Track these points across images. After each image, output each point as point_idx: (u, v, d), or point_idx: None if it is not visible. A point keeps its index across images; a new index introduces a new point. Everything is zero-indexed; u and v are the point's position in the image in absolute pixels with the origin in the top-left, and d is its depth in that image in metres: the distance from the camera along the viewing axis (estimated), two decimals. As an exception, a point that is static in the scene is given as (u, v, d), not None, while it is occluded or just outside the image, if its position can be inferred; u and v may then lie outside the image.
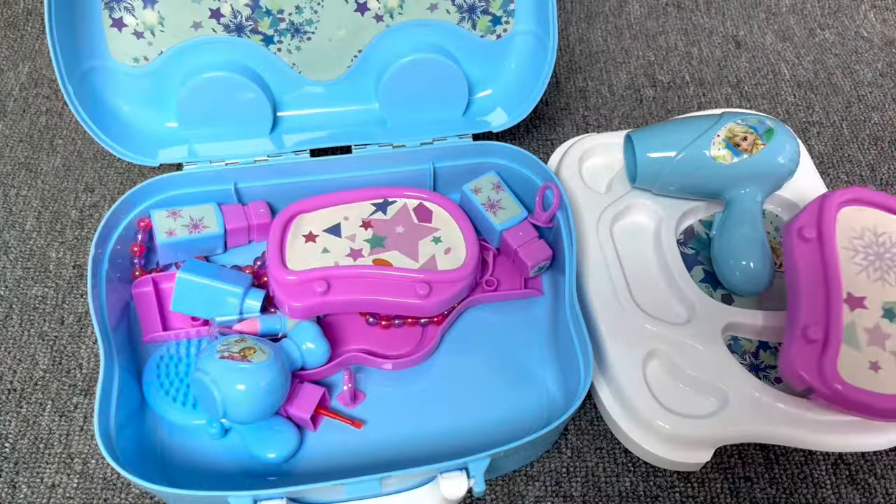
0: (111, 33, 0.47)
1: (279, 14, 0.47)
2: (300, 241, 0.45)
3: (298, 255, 0.44)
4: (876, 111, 0.62)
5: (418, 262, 0.45)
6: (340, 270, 0.44)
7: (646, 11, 0.69)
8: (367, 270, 0.44)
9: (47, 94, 0.60)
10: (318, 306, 0.43)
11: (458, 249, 0.46)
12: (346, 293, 0.43)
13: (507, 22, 0.50)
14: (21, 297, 0.49)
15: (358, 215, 0.47)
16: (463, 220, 0.47)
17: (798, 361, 0.38)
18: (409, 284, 0.43)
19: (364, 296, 0.43)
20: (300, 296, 0.43)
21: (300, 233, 0.46)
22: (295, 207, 0.46)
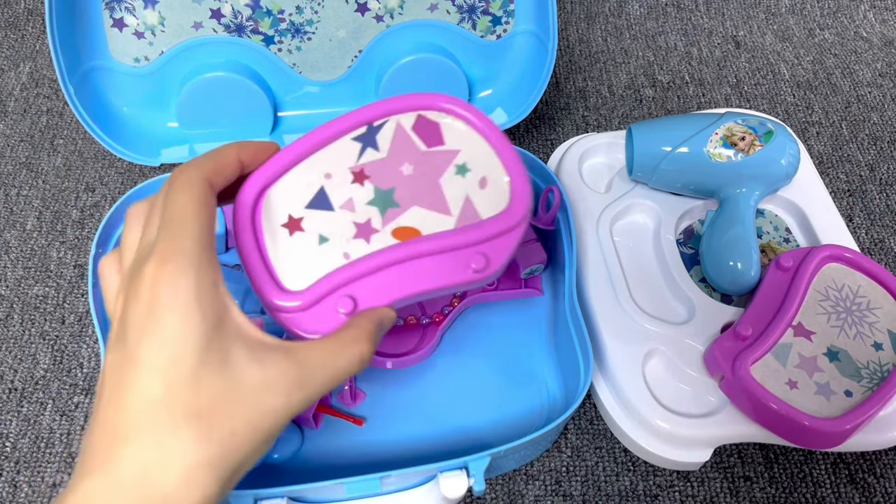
0: (112, 33, 0.47)
1: (279, 14, 0.47)
2: (282, 235, 0.29)
3: (290, 261, 0.29)
4: (875, 111, 0.62)
5: (451, 213, 0.30)
6: (359, 267, 0.28)
7: (645, 12, 0.69)
8: (394, 254, 0.29)
9: (48, 94, 0.60)
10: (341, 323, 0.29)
11: (495, 173, 0.30)
12: (381, 299, 0.29)
13: (507, 22, 0.50)
14: (22, 297, 0.49)
15: (342, 165, 0.30)
16: (486, 125, 0.31)
17: (719, 349, 0.41)
18: (456, 256, 0.29)
19: (404, 295, 0.29)
20: (318, 324, 0.28)
21: (277, 221, 0.29)
22: (253, 183, 0.29)
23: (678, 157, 0.47)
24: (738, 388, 0.40)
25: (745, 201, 0.47)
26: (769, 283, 0.44)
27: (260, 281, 0.28)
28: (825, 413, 0.38)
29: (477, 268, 0.29)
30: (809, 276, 0.43)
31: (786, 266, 0.44)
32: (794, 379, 0.39)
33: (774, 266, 0.44)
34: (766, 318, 0.42)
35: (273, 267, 0.29)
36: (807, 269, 0.43)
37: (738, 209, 0.47)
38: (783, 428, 0.39)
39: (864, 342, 0.41)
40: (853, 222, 0.55)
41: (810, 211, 0.50)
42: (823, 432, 0.38)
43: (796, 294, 0.42)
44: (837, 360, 0.40)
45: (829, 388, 0.39)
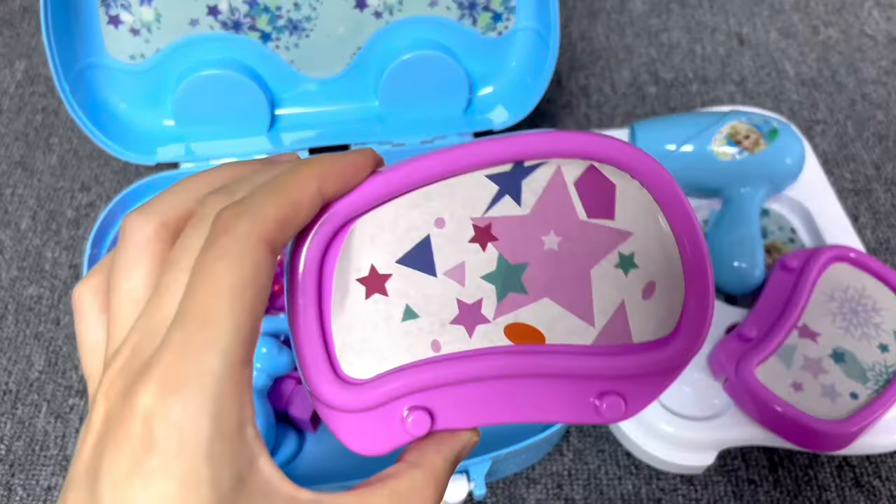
0: (107, 30, 0.46)
1: (277, 11, 0.47)
2: (355, 295, 0.20)
3: (357, 335, 0.20)
4: (881, 109, 0.61)
5: (595, 323, 0.21)
6: (450, 369, 0.20)
7: (648, 8, 0.68)
8: (502, 363, 0.20)
9: (43, 92, 0.59)
10: (405, 442, 0.21)
11: (670, 282, 0.21)
12: (466, 419, 0.21)
13: (508, 19, 0.50)
14: (16, 298, 0.49)
15: (462, 211, 0.20)
16: (680, 208, 0.20)
17: (723, 351, 0.40)
18: (583, 385, 0.21)
19: (499, 421, 0.21)
20: (372, 435, 0.21)
21: (352, 272, 0.20)
22: (332, 213, 0.19)
23: (682, 156, 0.47)
24: (742, 391, 0.39)
25: (750, 200, 0.46)
26: (774, 284, 0.43)
27: (310, 358, 0.19)
28: (831, 415, 0.38)
29: (605, 411, 0.21)
30: (814, 277, 0.42)
31: (791, 266, 0.43)
32: (799, 381, 0.39)
33: (779, 266, 0.44)
34: (771, 320, 0.41)
35: (332, 342, 0.20)
36: (812, 269, 0.42)
37: (742, 208, 0.46)
38: (788, 430, 0.38)
39: (870, 343, 0.40)
40: (859, 222, 0.54)
41: (816, 210, 0.49)
42: (829, 434, 0.37)
43: (801, 295, 0.42)
44: (843, 361, 0.40)
45: (834, 389, 0.39)
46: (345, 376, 0.20)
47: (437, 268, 0.20)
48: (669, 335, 0.21)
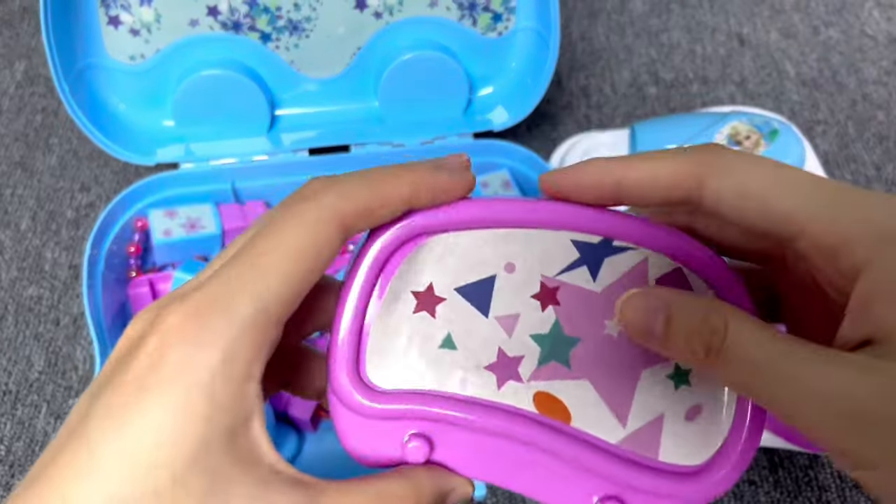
0: (107, 31, 0.46)
1: (277, 11, 0.47)
2: (404, 305, 0.20)
3: (391, 343, 0.20)
4: (881, 110, 0.61)
5: (626, 425, 0.20)
6: (469, 413, 0.20)
7: (648, 9, 0.68)
8: (521, 428, 0.20)
9: (43, 93, 0.59)
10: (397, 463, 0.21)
11: (717, 412, 0.20)
12: (464, 466, 0.20)
13: (508, 19, 0.50)
14: (16, 298, 0.48)
15: (535, 265, 0.20)
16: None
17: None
18: (592, 482, 0.20)
19: (494, 481, 0.20)
20: (370, 441, 0.20)
21: (410, 283, 0.20)
22: (413, 221, 0.20)
23: (682, 157, 0.47)
24: None
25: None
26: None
27: (341, 347, 0.19)
28: None
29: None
30: None
31: None
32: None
33: None
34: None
35: (366, 340, 0.20)
36: None
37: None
38: (788, 431, 0.38)
39: None
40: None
41: (816, 211, 0.49)
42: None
43: None
44: None
45: (835, 391, 0.38)
46: (365, 377, 0.20)
47: (492, 310, 0.20)
48: (698, 468, 0.20)
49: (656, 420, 0.20)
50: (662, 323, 0.17)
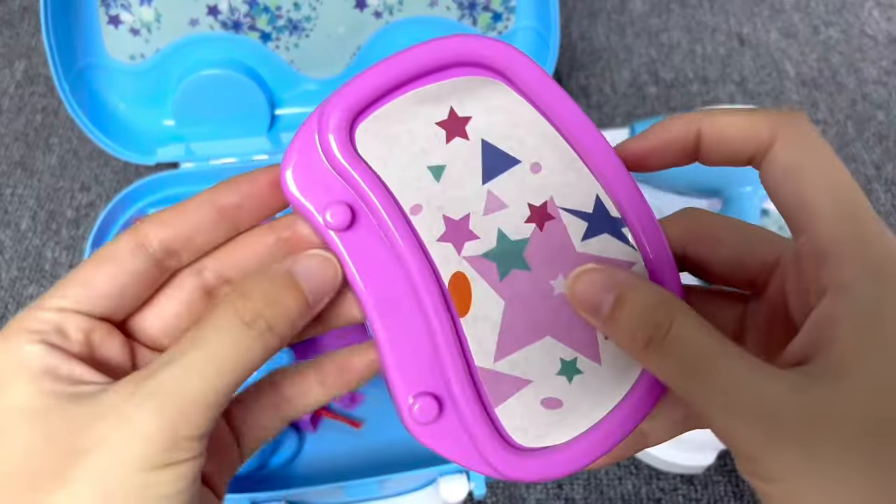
0: (107, 30, 0.46)
1: (277, 11, 0.47)
2: (433, 109, 0.20)
3: (393, 125, 0.20)
4: (881, 109, 0.61)
5: (494, 362, 0.20)
6: (394, 218, 0.19)
7: (648, 8, 0.68)
8: (421, 276, 0.19)
9: (43, 92, 0.59)
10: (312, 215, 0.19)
11: (570, 423, 0.20)
12: (356, 260, 0.19)
13: (508, 18, 0.50)
14: (16, 298, 0.48)
15: (552, 186, 0.20)
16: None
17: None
18: (428, 369, 0.19)
19: (366, 295, 0.19)
20: (311, 183, 0.19)
21: (455, 98, 0.20)
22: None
23: (682, 156, 0.47)
24: None
25: (750, 201, 0.46)
26: None
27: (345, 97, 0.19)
28: None
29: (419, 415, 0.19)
30: None
31: None
32: None
33: None
34: None
35: (380, 105, 0.20)
36: None
37: (742, 208, 0.46)
38: None
39: None
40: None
41: (816, 210, 0.49)
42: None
43: None
44: None
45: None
46: (351, 130, 0.19)
47: (491, 183, 0.20)
48: (515, 445, 0.19)
49: (520, 381, 0.20)
50: (611, 303, 0.17)
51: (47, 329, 0.17)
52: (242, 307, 0.17)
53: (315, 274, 0.19)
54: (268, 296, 0.17)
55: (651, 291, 0.17)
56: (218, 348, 0.17)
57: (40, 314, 0.18)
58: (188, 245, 0.19)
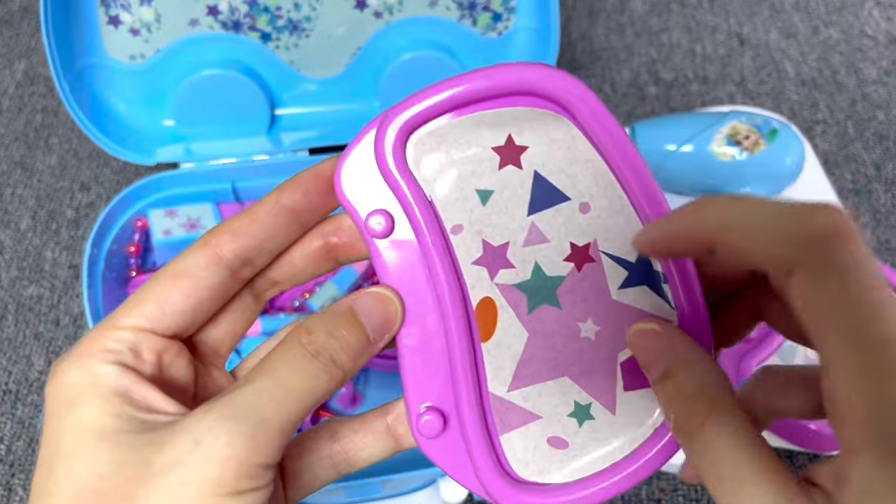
0: (107, 31, 0.46)
1: (277, 11, 0.47)
2: (489, 133, 0.20)
3: (447, 144, 0.20)
4: (881, 109, 0.61)
5: (508, 391, 0.20)
6: (435, 235, 0.19)
7: (648, 8, 0.68)
8: (448, 292, 0.19)
9: (43, 93, 0.59)
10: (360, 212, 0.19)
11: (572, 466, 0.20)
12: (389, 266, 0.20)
13: (508, 19, 0.50)
14: (16, 298, 0.48)
15: (599, 229, 0.20)
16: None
17: (724, 351, 0.42)
18: (442, 386, 0.20)
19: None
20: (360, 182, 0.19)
21: (514, 126, 0.20)
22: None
23: (682, 156, 0.47)
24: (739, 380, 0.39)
25: (750, 201, 0.47)
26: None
27: (406, 110, 0.20)
28: None
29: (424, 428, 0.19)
30: None
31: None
32: None
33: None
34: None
35: (433, 125, 0.20)
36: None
37: (742, 209, 0.46)
38: (789, 430, 0.38)
39: None
40: (859, 222, 0.54)
41: (816, 210, 0.49)
42: (829, 434, 0.37)
43: None
44: None
45: (835, 391, 0.39)
46: (406, 143, 0.20)
47: (537, 215, 0.20)
48: (513, 476, 0.20)
49: (531, 415, 0.20)
50: (658, 374, 0.18)
51: (122, 349, 0.18)
52: (307, 340, 0.18)
53: (376, 311, 0.19)
54: (330, 331, 0.18)
55: (696, 377, 0.17)
56: (287, 377, 0.17)
57: (117, 333, 0.18)
58: (262, 252, 0.19)
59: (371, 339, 0.19)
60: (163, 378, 0.18)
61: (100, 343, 0.18)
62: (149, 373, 0.18)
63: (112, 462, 0.16)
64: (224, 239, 0.19)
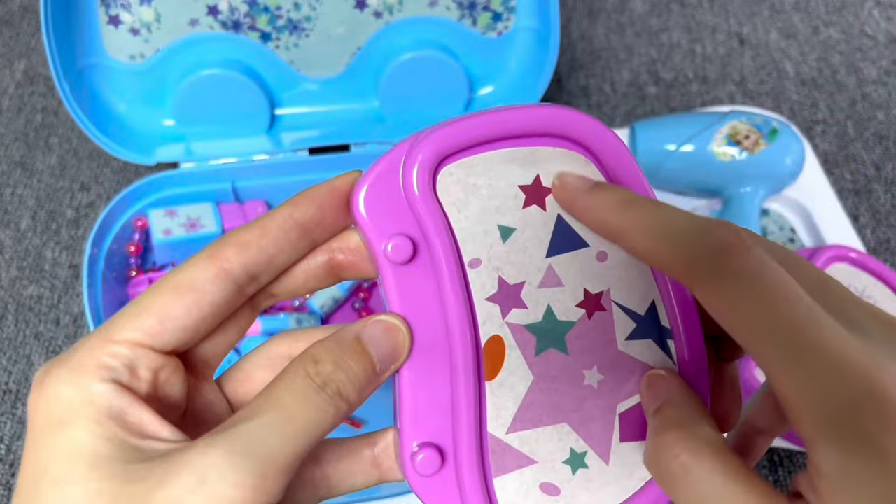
0: (107, 30, 0.46)
1: (277, 11, 0.47)
2: (521, 170, 0.20)
3: (476, 177, 0.20)
4: (881, 109, 0.61)
5: (506, 433, 0.20)
6: (451, 261, 0.19)
7: (648, 8, 0.68)
8: (458, 326, 0.19)
9: (43, 92, 0.59)
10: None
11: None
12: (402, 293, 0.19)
13: (508, 18, 0.50)
14: (16, 298, 0.48)
15: (613, 279, 0.20)
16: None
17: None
18: (441, 419, 0.19)
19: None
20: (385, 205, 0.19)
21: (544, 167, 0.20)
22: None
23: (682, 156, 0.47)
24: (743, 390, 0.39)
25: (750, 201, 0.46)
26: None
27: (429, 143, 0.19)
28: None
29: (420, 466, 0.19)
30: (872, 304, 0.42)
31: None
32: None
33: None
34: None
35: (459, 156, 0.19)
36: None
37: (742, 208, 0.46)
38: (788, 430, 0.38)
39: None
40: (859, 222, 0.54)
41: (815, 210, 0.49)
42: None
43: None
44: None
45: (835, 391, 0.39)
46: (433, 171, 0.19)
47: (553, 259, 0.20)
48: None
49: (527, 459, 0.19)
50: (652, 410, 0.18)
51: (118, 366, 0.16)
52: (314, 371, 0.17)
53: (384, 341, 0.18)
54: (337, 361, 0.17)
55: (680, 412, 0.18)
56: (294, 410, 0.16)
57: (113, 348, 0.17)
58: (270, 267, 0.18)
59: (378, 370, 0.18)
60: (157, 396, 0.17)
61: (95, 357, 0.16)
62: (144, 391, 0.17)
63: (104, 494, 0.15)
64: (232, 252, 0.18)
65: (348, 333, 0.18)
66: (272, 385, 0.17)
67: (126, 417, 0.16)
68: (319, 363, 0.17)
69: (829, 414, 0.14)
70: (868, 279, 0.43)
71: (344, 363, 0.17)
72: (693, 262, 0.16)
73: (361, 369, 0.17)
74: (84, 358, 0.16)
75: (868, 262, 0.43)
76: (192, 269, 0.17)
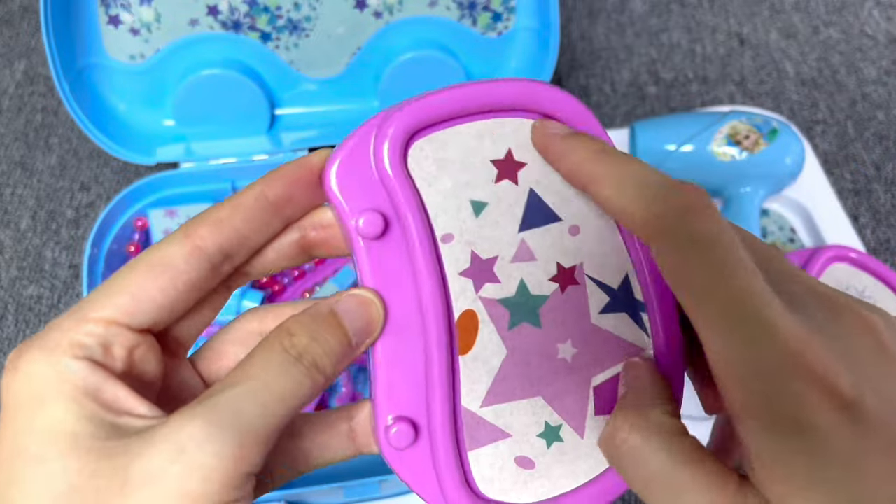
0: (107, 30, 0.46)
1: (277, 11, 0.47)
2: (491, 145, 0.20)
3: (447, 147, 0.19)
4: (881, 109, 0.61)
5: (480, 407, 0.20)
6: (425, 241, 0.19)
7: (648, 8, 0.68)
8: (432, 299, 0.19)
9: (43, 92, 0.59)
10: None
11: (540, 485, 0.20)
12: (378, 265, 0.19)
13: (508, 18, 0.50)
14: (16, 298, 0.48)
15: (585, 255, 0.20)
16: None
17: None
18: (416, 392, 0.19)
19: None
20: (354, 182, 0.19)
21: (511, 141, 0.20)
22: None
23: (682, 156, 0.47)
24: None
25: (750, 201, 0.46)
26: None
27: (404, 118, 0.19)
28: None
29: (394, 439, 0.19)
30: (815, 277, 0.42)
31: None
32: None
33: None
34: None
35: (436, 129, 0.19)
36: (811, 269, 0.42)
37: (742, 208, 0.46)
38: None
39: None
40: (859, 222, 0.54)
41: (815, 210, 0.49)
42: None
43: None
44: None
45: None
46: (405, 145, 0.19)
47: (527, 232, 0.20)
48: (477, 493, 0.19)
49: (502, 433, 0.19)
50: (619, 398, 0.19)
51: (92, 344, 0.16)
52: (290, 343, 0.17)
53: (358, 315, 0.18)
54: (313, 334, 0.17)
55: (634, 404, 0.18)
56: (271, 380, 0.16)
57: (87, 326, 0.16)
58: (244, 247, 0.18)
59: (353, 343, 0.18)
60: (132, 374, 0.17)
61: (68, 336, 0.16)
62: (119, 369, 0.17)
63: (83, 471, 0.15)
64: (206, 230, 0.17)
65: (323, 307, 0.18)
66: (248, 358, 0.17)
67: (102, 394, 0.16)
68: (295, 336, 0.17)
69: (756, 388, 0.14)
70: (868, 279, 0.43)
71: (319, 336, 0.17)
72: (655, 217, 0.16)
73: (337, 342, 0.18)
74: (58, 337, 0.16)
75: (868, 262, 0.43)
76: (166, 247, 0.17)
